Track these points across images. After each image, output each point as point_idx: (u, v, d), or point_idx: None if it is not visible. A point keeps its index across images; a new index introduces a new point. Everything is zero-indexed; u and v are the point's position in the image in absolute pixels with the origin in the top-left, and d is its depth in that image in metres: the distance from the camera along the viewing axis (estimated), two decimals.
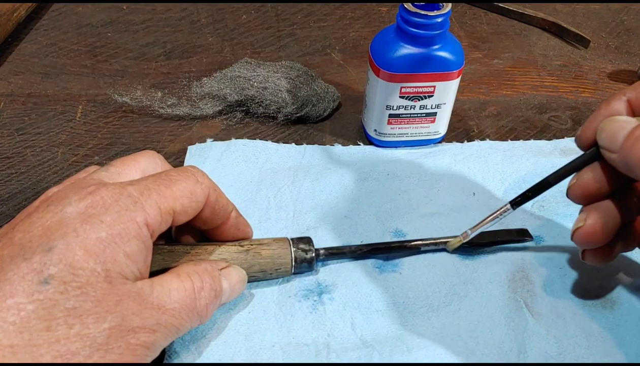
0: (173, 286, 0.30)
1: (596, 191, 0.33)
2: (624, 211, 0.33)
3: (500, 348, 0.35)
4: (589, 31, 0.64)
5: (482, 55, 0.61)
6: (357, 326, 0.36)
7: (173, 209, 0.30)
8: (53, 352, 0.25)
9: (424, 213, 0.43)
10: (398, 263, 0.40)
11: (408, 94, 0.44)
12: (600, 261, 0.35)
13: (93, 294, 0.26)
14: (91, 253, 0.26)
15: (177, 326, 0.29)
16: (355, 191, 0.44)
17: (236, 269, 0.34)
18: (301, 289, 0.37)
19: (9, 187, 0.44)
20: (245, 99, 0.50)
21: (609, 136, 0.31)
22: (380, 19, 0.66)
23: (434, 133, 0.48)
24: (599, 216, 0.33)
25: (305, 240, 0.37)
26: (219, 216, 0.34)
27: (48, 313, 0.25)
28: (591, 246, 0.34)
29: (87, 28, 0.62)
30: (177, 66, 0.57)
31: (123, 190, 0.29)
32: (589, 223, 0.33)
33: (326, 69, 0.58)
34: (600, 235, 0.33)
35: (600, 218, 0.33)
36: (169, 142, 0.49)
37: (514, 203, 0.36)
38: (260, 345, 0.34)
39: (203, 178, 0.32)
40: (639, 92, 0.32)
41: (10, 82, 0.54)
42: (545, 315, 0.36)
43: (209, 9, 0.65)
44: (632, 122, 0.30)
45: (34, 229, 0.27)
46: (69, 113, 0.51)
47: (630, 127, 0.30)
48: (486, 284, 0.38)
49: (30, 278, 0.25)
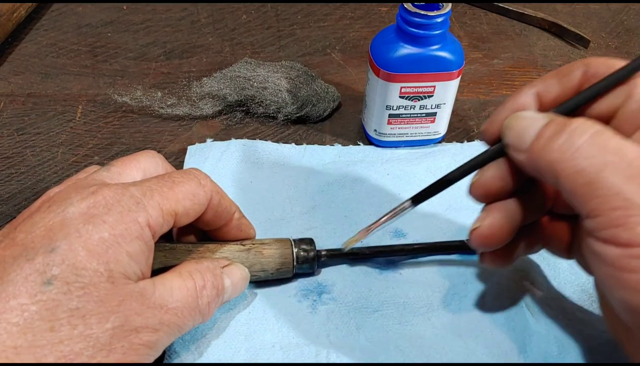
0: (175, 285, 0.30)
1: (498, 189, 0.31)
2: (527, 211, 0.31)
3: (501, 348, 0.35)
4: (589, 31, 0.64)
5: (482, 55, 0.61)
6: (357, 326, 0.36)
7: (175, 211, 0.30)
8: (56, 353, 0.25)
9: (424, 212, 0.43)
10: (398, 263, 0.40)
11: (408, 94, 0.44)
12: (500, 264, 0.34)
13: (96, 294, 0.26)
14: (94, 254, 0.26)
15: (179, 325, 0.29)
16: (355, 191, 0.44)
17: (238, 267, 0.34)
18: (301, 289, 0.37)
19: (9, 187, 0.44)
20: (245, 99, 0.50)
21: (516, 135, 0.29)
22: (380, 19, 0.66)
23: (434, 133, 0.48)
24: (499, 216, 0.31)
25: (307, 241, 0.37)
26: (221, 218, 0.34)
27: (51, 314, 0.25)
28: (489, 248, 0.32)
29: (87, 28, 0.62)
30: (177, 66, 0.57)
31: (125, 190, 0.29)
32: (487, 223, 0.31)
33: (326, 69, 0.58)
34: (499, 237, 0.31)
35: (499, 219, 0.31)
36: (168, 142, 0.49)
37: (413, 200, 0.34)
38: (260, 345, 0.34)
39: (206, 181, 0.32)
40: (548, 84, 0.31)
41: (10, 82, 0.54)
42: (545, 314, 0.37)
43: (209, 9, 0.65)
44: (540, 119, 0.28)
45: (37, 229, 0.27)
46: (69, 113, 0.51)
47: (538, 126, 0.28)
48: (486, 284, 0.38)
49: (33, 279, 0.25)
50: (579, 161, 0.25)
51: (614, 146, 0.25)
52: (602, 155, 0.25)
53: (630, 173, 0.24)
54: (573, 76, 0.30)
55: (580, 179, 0.25)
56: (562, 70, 0.30)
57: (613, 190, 0.24)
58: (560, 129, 0.26)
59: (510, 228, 0.31)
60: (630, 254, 0.23)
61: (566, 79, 0.30)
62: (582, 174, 0.25)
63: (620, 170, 0.24)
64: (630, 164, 0.24)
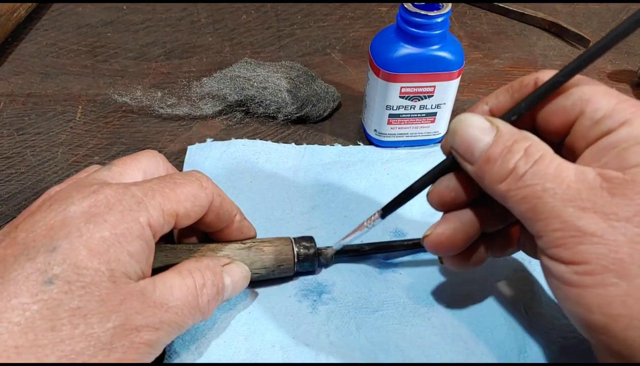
0: (175, 284, 0.30)
1: (452, 200, 0.32)
2: (487, 220, 0.32)
3: (501, 348, 0.35)
4: (589, 31, 0.64)
5: (482, 55, 0.61)
6: (357, 326, 0.36)
7: (176, 212, 0.30)
8: (58, 352, 0.25)
9: (424, 212, 0.43)
10: (398, 263, 0.40)
11: (408, 94, 0.44)
12: (459, 267, 0.34)
13: (97, 294, 0.26)
14: (95, 253, 0.26)
15: (179, 324, 0.29)
16: (355, 191, 0.44)
17: (239, 265, 0.34)
18: (301, 289, 0.37)
19: (9, 187, 0.44)
20: (245, 99, 0.50)
21: (463, 143, 0.29)
22: (380, 19, 0.66)
23: (434, 133, 0.48)
24: (450, 226, 0.32)
25: (307, 238, 0.38)
26: (222, 220, 0.34)
27: (52, 313, 0.25)
28: (441, 254, 0.34)
29: (87, 28, 0.62)
30: (177, 66, 0.57)
31: (127, 190, 0.29)
32: (437, 231, 0.32)
33: (326, 69, 0.58)
34: (450, 244, 0.32)
35: (450, 228, 0.32)
36: (169, 142, 0.49)
37: (382, 211, 0.34)
38: (260, 345, 0.34)
39: (207, 183, 0.32)
40: (500, 100, 0.31)
41: (10, 82, 0.54)
42: (545, 314, 0.37)
43: (209, 9, 0.65)
44: (488, 132, 0.28)
45: (38, 228, 0.27)
46: (69, 113, 0.51)
47: (486, 141, 0.28)
48: (486, 284, 0.38)
49: (34, 278, 0.25)
50: (522, 189, 0.26)
51: (552, 172, 0.26)
52: (542, 182, 0.26)
53: (568, 197, 0.25)
54: (524, 90, 0.30)
55: (524, 205, 0.27)
56: (514, 85, 0.31)
57: (552, 213, 0.25)
58: (506, 152, 0.27)
59: (464, 237, 0.32)
60: (573, 271, 0.25)
61: (517, 94, 0.31)
62: (525, 201, 0.26)
63: (558, 195, 0.25)
64: (568, 188, 0.25)
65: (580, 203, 0.25)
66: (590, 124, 0.28)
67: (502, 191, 0.27)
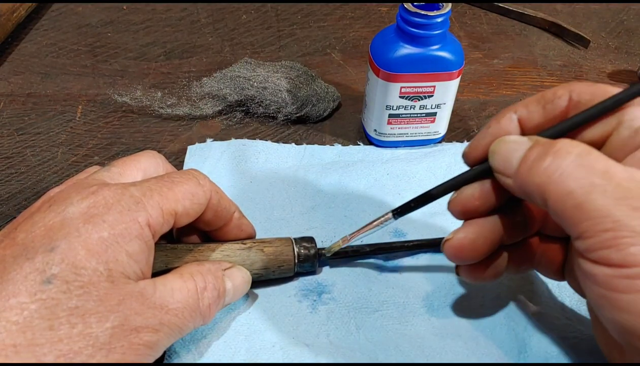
0: (176, 286, 0.30)
1: (475, 208, 0.31)
2: (508, 230, 0.32)
3: (501, 348, 0.35)
4: (589, 31, 0.64)
5: (482, 55, 0.61)
6: (357, 326, 0.36)
7: (175, 211, 0.30)
8: (56, 351, 0.25)
9: (424, 212, 0.43)
10: (398, 263, 0.40)
11: (408, 94, 0.44)
12: (475, 278, 0.33)
13: (95, 293, 0.26)
14: (93, 253, 0.26)
15: (180, 326, 0.29)
16: (355, 191, 0.44)
17: (240, 270, 0.34)
18: (301, 289, 0.37)
19: (9, 187, 0.44)
20: (245, 99, 0.50)
21: (502, 159, 0.29)
22: (380, 19, 0.66)
23: (434, 133, 0.48)
24: (472, 231, 0.31)
25: (307, 239, 0.37)
26: (221, 218, 0.34)
27: (51, 313, 0.25)
28: (461, 261, 0.32)
29: (87, 28, 0.62)
30: (177, 66, 0.57)
31: (125, 190, 0.29)
32: (459, 236, 0.31)
33: (326, 69, 0.58)
34: (471, 252, 0.31)
35: (473, 234, 0.31)
36: (169, 142, 0.49)
37: (395, 213, 0.34)
38: (261, 345, 0.34)
39: (205, 181, 0.32)
40: (530, 111, 0.31)
41: (10, 82, 0.54)
42: (545, 314, 0.36)
43: (209, 9, 0.65)
44: (525, 143, 0.28)
45: (37, 229, 0.27)
46: (69, 113, 0.51)
47: (523, 149, 0.28)
48: (486, 284, 0.38)
49: (32, 277, 0.25)
50: (567, 183, 0.25)
51: (601, 168, 0.25)
52: (589, 177, 0.25)
53: (619, 195, 0.24)
54: (558, 103, 0.30)
55: (569, 202, 0.25)
56: (546, 95, 0.30)
57: (603, 212, 0.24)
58: (545, 151, 0.26)
59: (485, 244, 0.31)
60: (622, 274, 0.24)
61: (550, 106, 0.30)
62: (570, 197, 0.25)
63: (608, 192, 0.24)
64: (618, 186, 0.24)
65: (633, 202, 0.24)
66: (629, 133, 0.27)
67: (542, 188, 0.26)
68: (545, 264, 0.34)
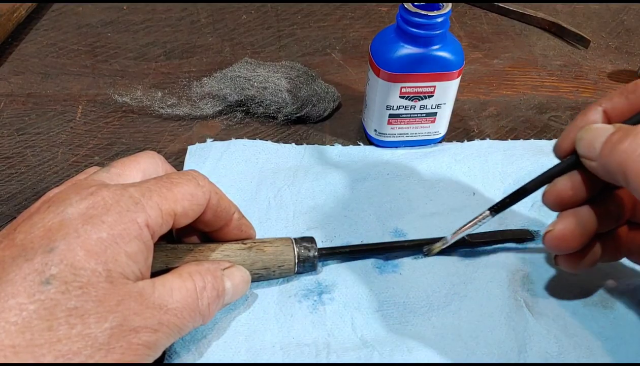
0: (175, 286, 0.30)
1: (570, 198, 0.33)
2: (601, 219, 0.33)
3: (501, 348, 0.35)
4: (589, 31, 0.64)
5: (482, 55, 0.61)
6: (357, 326, 0.36)
7: (174, 211, 0.30)
8: (55, 352, 0.25)
9: (424, 212, 0.43)
10: (398, 263, 0.40)
11: (408, 94, 0.44)
12: (573, 267, 0.35)
13: (94, 294, 0.26)
14: (92, 253, 0.26)
15: (179, 326, 0.29)
16: (355, 191, 0.44)
17: (239, 270, 0.34)
18: (301, 289, 0.37)
19: (9, 187, 0.44)
20: (245, 99, 0.50)
21: (587, 144, 0.31)
22: (380, 19, 0.66)
23: (434, 133, 0.48)
24: (570, 221, 0.33)
25: (308, 239, 0.38)
26: (221, 219, 0.34)
27: (50, 313, 0.25)
28: (561, 251, 0.34)
29: (87, 28, 0.62)
30: (177, 66, 0.57)
31: (124, 191, 0.29)
32: (559, 227, 0.33)
33: (326, 69, 0.58)
34: (570, 241, 0.33)
35: (571, 224, 0.33)
36: (169, 142, 0.49)
37: (493, 210, 0.36)
38: (261, 345, 0.34)
39: (204, 182, 0.32)
40: (614, 102, 0.33)
41: (10, 82, 0.54)
42: (546, 314, 0.36)
43: (209, 9, 0.65)
44: (609, 128, 0.30)
45: (36, 230, 0.27)
46: (69, 113, 0.51)
47: (607, 133, 0.30)
48: (486, 284, 0.38)
49: (31, 278, 0.25)
50: None
51: None
52: None
53: None
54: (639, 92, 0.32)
55: None
56: (628, 87, 0.32)
57: None
58: (625, 134, 0.29)
59: (582, 233, 0.33)
60: None
61: (633, 95, 0.32)
62: None
63: None
64: None
65: None
66: None
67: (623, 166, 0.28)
68: (635, 251, 0.36)
